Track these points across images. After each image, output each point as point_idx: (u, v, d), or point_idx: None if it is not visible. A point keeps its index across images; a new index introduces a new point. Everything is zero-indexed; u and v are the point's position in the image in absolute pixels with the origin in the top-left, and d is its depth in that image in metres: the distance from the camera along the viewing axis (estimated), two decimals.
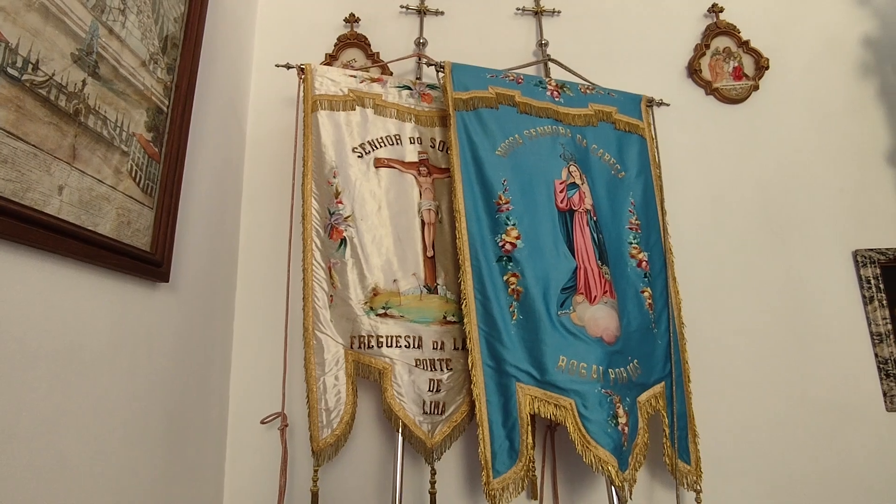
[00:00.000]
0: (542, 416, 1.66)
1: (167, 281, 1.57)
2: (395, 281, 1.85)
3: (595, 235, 1.91)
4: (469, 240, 1.79)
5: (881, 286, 2.15)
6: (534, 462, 1.71)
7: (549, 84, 2.16)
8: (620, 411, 1.68)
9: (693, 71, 2.47)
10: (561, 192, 1.94)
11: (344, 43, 2.46)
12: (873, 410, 2.07)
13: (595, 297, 1.78)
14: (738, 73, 2.46)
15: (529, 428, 1.65)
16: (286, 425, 1.83)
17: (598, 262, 1.86)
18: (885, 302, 2.13)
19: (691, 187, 2.32)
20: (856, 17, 2.52)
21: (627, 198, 2.12)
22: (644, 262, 2.04)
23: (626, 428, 1.68)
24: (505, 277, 1.77)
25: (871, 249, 2.20)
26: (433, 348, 1.81)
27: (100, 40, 1.31)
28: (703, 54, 2.49)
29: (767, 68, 2.45)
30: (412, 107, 2.12)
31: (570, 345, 1.69)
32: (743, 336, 2.15)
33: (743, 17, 2.53)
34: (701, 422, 1.95)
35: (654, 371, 1.86)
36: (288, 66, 2.08)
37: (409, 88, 2.15)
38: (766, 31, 2.50)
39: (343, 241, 1.86)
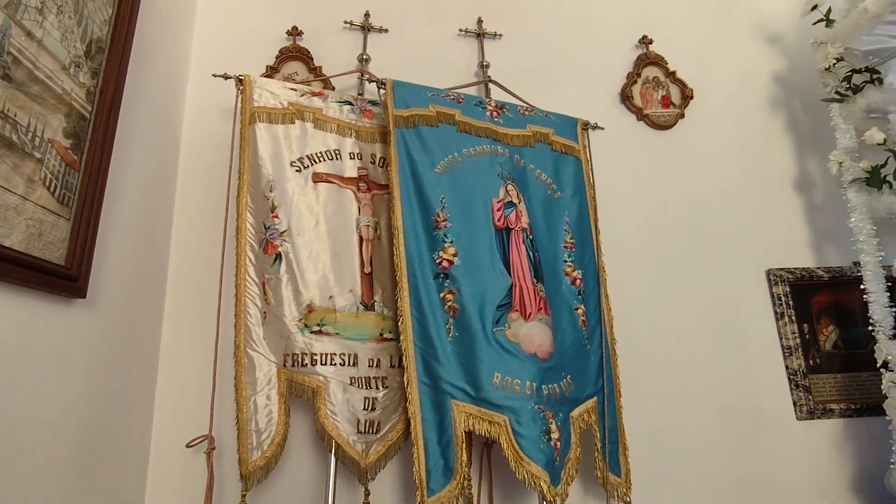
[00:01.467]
0: (477, 433, 1.67)
1: (84, 297, 1.48)
2: (331, 297, 1.83)
3: (531, 253, 1.96)
4: (407, 256, 1.79)
5: (790, 303, 2.32)
6: (470, 480, 1.72)
7: (489, 104, 2.21)
8: (553, 427, 1.72)
9: (626, 97, 2.61)
10: (498, 210, 1.99)
11: (286, 55, 2.43)
12: (785, 419, 2.21)
13: (530, 314, 1.82)
14: (666, 102, 2.62)
15: (465, 446, 1.66)
16: (213, 448, 1.75)
17: (534, 279, 1.91)
18: (793, 317, 2.30)
19: (624, 208, 2.43)
20: (768, 55, 2.74)
21: (563, 217, 2.20)
22: (578, 280, 2.11)
23: (559, 443, 1.72)
24: (441, 294, 1.78)
25: (782, 268, 2.37)
26: (369, 366, 1.80)
27: (12, 40, 1.24)
28: (635, 82, 2.63)
29: (692, 98, 2.62)
30: (353, 122, 2.11)
31: (504, 361, 1.72)
32: (670, 350, 2.26)
33: (670, 49, 2.69)
34: (631, 434, 2.02)
35: (586, 386, 1.92)
36: (226, 77, 2.03)
37: (351, 104, 2.15)
38: (690, 63, 2.68)
39: (278, 257, 1.82)
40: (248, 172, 1.89)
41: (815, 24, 2.38)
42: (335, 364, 1.75)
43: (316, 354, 1.75)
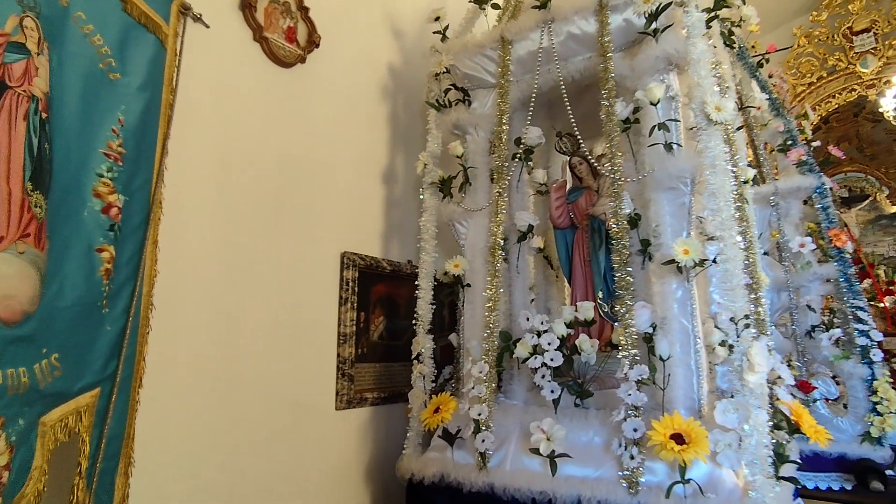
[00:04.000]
0: None
1: None
2: None
3: (35, 140, 1.12)
4: None
5: (356, 289, 2.26)
6: None
7: None
8: (2, 444, 0.95)
9: (248, 4, 2.02)
10: None
11: None
12: (325, 408, 2.10)
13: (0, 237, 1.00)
14: (292, 36, 2.19)
15: None
16: None
17: (29, 182, 1.08)
18: (355, 304, 2.25)
19: (207, 137, 1.83)
20: (393, 45, 2.74)
21: (116, 110, 1.42)
22: (116, 209, 1.37)
23: (6, 473, 0.96)
24: None
25: (356, 253, 2.30)
26: None
27: None
28: None
29: (317, 47, 2.29)
30: None
31: None
32: (222, 329, 1.79)
33: None
34: (144, 442, 1.41)
35: (86, 372, 1.21)
36: None
37: None
38: (327, 11, 2.35)
39: None
40: None
41: (434, 32, 2.48)
42: None
43: None
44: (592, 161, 2.17)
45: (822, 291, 2.81)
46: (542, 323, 1.90)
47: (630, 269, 1.74)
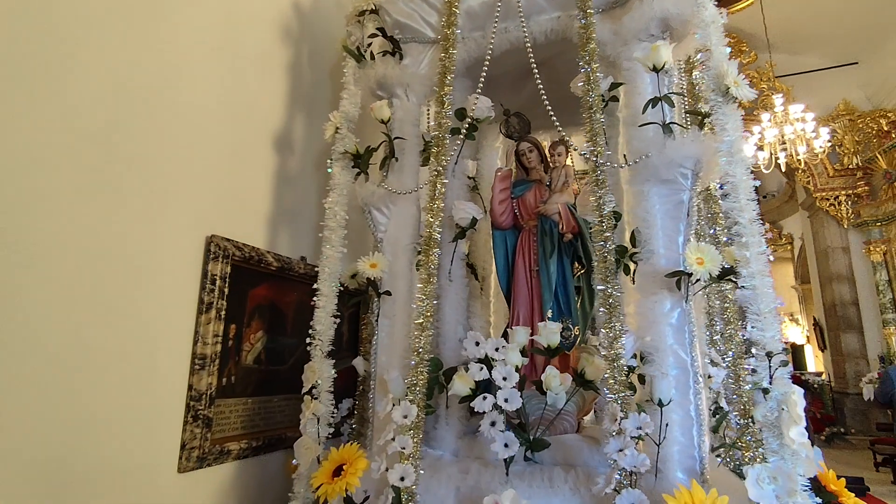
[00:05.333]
0: None
1: None
2: None
3: None
4: None
5: (226, 290, 1.56)
6: None
7: None
8: None
9: None
10: None
11: None
12: (162, 471, 1.37)
13: None
14: None
15: None
16: None
17: None
18: (223, 313, 1.55)
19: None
20: None
21: None
22: None
23: None
24: None
25: (231, 240, 1.61)
26: None
27: None
28: None
29: None
30: None
31: None
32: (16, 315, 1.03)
33: None
34: None
35: None
36: None
37: None
38: None
39: None
40: None
41: None
42: None
43: None
44: (569, 148, 1.74)
45: None
46: (497, 350, 1.39)
47: (618, 282, 1.31)
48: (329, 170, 1.75)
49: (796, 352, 11.05)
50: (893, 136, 7.84)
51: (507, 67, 1.91)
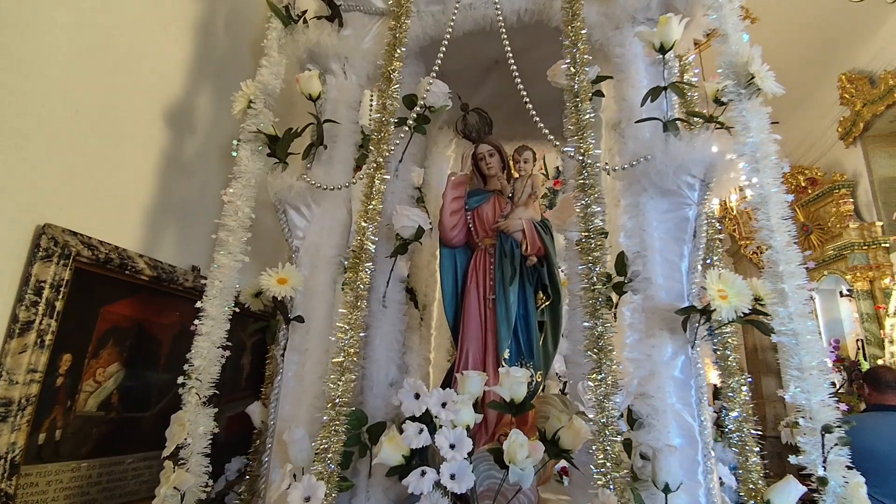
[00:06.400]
0: None
1: None
2: None
3: None
4: None
5: (58, 306, 1.08)
6: None
7: None
8: None
9: None
10: None
11: None
12: None
13: None
14: None
15: None
16: None
17: None
18: (51, 337, 1.07)
19: None
20: None
21: None
22: None
23: None
24: None
25: (75, 232, 1.14)
26: None
27: None
28: None
29: None
30: None
31: None
32: None
33: None
34: None
35: None
36: None
37: None
38: None
39: None
40: None
41: None
42: None
43: None
44: (536, 154, 1.43)
45: None
46: (444, 405, 1.01)
47: (609, 318, 0.98)
48: (234, 153, 1.33)
49: (717, 392, 11.37)
50: (810, 191, 8.42)
51: (467, 60, 1.60)
